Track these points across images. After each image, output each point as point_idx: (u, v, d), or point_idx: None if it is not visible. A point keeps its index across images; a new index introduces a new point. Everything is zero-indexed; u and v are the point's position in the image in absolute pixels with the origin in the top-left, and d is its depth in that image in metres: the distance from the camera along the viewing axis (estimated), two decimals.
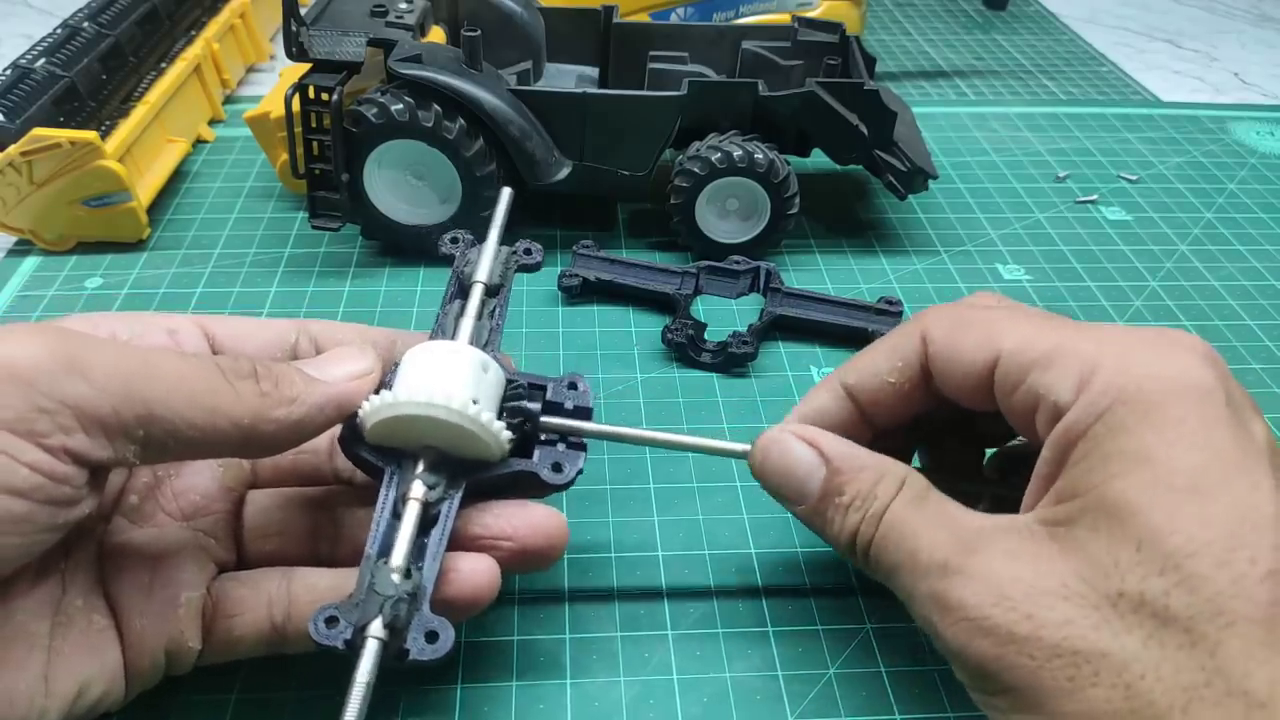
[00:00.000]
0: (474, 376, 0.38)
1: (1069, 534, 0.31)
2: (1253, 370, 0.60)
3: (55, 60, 0.69)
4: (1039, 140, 0.86)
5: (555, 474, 0.39)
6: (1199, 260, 0.71)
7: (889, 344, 0.40)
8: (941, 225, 0.73)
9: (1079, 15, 1.18)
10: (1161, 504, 0.30)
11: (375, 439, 0.38)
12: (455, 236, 0.46)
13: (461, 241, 0.45)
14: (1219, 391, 0.32)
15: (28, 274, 0.64)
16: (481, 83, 0.61)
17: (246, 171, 0.76)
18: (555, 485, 0.39)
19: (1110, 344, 0.33)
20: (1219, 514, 0.29)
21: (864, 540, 0.35)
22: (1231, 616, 0.28)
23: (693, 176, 0.63)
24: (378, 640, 0.32)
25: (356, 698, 0.31)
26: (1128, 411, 0.31)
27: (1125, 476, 0.30)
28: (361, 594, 0.33)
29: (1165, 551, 0.29)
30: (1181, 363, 0.33)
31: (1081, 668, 0.29)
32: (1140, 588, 0.29)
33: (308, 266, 0.65)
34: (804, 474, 0.37)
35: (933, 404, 0.39)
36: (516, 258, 0.46)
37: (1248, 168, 0.83)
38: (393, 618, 0.33)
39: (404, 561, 0.34)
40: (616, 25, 0.72)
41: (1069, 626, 0.29)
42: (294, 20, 0.60)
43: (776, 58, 0.70)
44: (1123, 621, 0.29)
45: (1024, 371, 0.35)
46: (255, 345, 0.40)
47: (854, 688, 0.41)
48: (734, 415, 0.55)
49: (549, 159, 0.64)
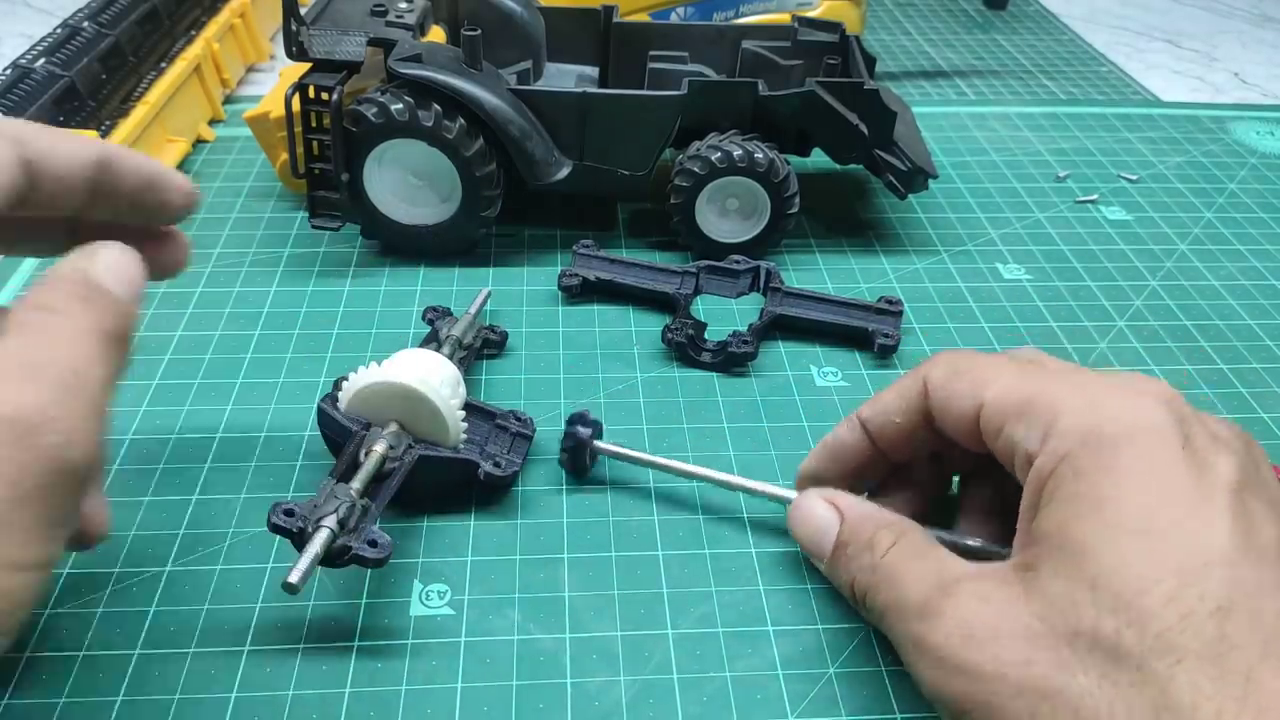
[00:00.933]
0: (451, 377, 0.48)
1: (1034, 577, 0.32)
2: (1253, 370, 0.60)
3: (55, 60, 0.69)
4: (1039, 140, 0.86)
5: (495, 469, 0.47)
6: (1199, 260, 0.71)
7: (900, 385, 0.42)
8: (941, 225, 0.73)
9: (1079, 15, 1.18)
10: (1114, 544, 0.31)
11: (351, 409, 0.46)
12: (436, 308, 0.58)
13: (441, 311, 0.58)
14: (1175, 433, 0.33)
15: (28, 274, 0.64)
16: (481, 82, 0.61)
17: (246, 171, 0.76)
18: (495, 477, 0.46)
19: (1078, 391, 0.35)
20: (1169, 552, 0.30)
21: (860, 588, 0.38)
22: (1181, 653, 0.29)
23: (693, 176, 0.63)
24: (329, 529, 0.40)
25: (306, 559, 0.38)
26: (1087, 455, 0.33)
27: (1082, 519, 0.32)
28: (320, 500, 0.41)
29: (1117, 590, 0.30)
30: (1139, 406, 0.34)
31: (1040, 705, 0.30)
32: (1095, 627, 0.30)
33: (307, 266, 0.65)
34: (822, 530, 0.40)
35: (949, 442, 0.41)
36: (485, 332, 0.57)
37: (1248, 167, 0.83)
38: (345, 516, 0.40)
39: (363, 485, 0.42)
40: (616, 25, 0.72)
41: (1030, 666, 0.30)
42: (294, 20, 0.60)
43: (776, 57, 0.70)
44: (1079, 661, 0.30)
45: (1002, 419, 0.36)
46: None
47: (855, 687, 0.41)
48: (734, 415, 0.55)
49: (549, 159, 0.64)
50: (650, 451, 0.49)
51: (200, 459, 0.50)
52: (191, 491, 0.48)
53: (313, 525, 0.40)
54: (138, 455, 0.50)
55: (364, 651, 0.41)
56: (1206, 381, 0.59)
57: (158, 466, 0.50)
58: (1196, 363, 0.61)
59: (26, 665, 0.40)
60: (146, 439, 0.51)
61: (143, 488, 0.49)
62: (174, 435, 0.52)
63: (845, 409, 0.55)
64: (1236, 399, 0.58)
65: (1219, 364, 0.61)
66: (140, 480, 0.49)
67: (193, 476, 0.49)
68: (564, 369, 0.57)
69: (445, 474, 0.47)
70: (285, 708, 0.39)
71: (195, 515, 0.47)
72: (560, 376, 0.57)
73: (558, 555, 0.46)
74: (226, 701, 0.39)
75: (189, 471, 0.50)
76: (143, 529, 0.46)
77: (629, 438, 0.53)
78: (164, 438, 0.52)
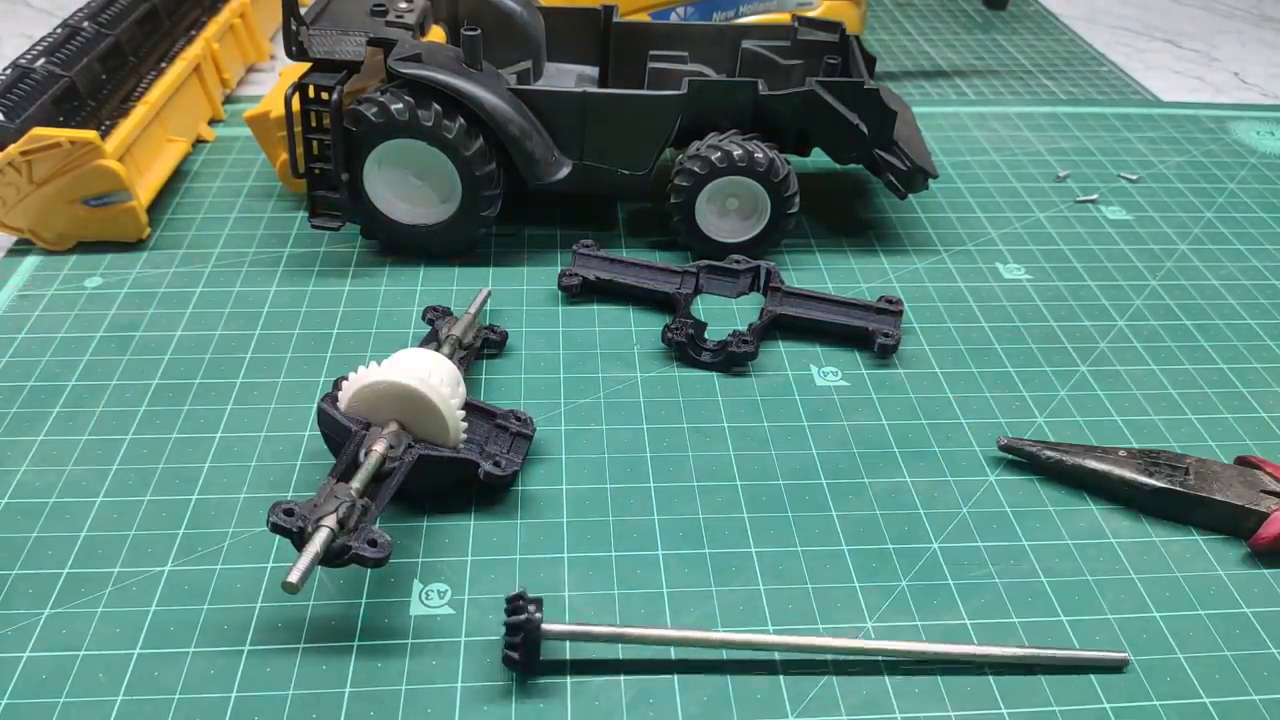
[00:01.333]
0: (451, 376, 0.48)
1: None
2: (1253, 370, 0.60)
3: (55, 60, 0.69)
4: (1039, 140, 0.86)
5: (495, 468, 0.46)
6: (1199, 259, 0.71)
7: None
8: (942, 224, 0.73)
9: (1079, 15, 1.18)
10: None
11: (351, 409, 0.46)
12: (436, 307, 0.58)
13: (441, 311, 0.57)
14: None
15: (27, 273, 0.64)
16: (481, 82, 0.61)
17: (246, 171, 0.76)
18: (496, 477, 0.46)
19: None
20: None
21: None
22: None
23: (693, 175, 0.63)
24: (329, 529, 0.40)
25: (305, 558, 0.38)
26: None
27: None
28: (320, 499, 0.41)
29: None
30: None
31: None
32: None
33: (307, 266, 0.65)
34: None
35: None
36: (485, 332, 0.57)
37: (1248, 167, 0.83)
38: (345, 515, 0.40)
39: (362, 485, 0.42)
40: (616, 25, 0.72)
41: None
42: (294, 19, 0.59)
43: (776, 57, 0.70)
44: None
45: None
46: None
47: (854, 686, 0.41)
48: (734, 415, 0.55)
49: (549, 158, 0.63)
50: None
51: (200, 459, 0.50)
52: (191, 492, 0.48)
53: (312, 525, 0.40)
54: (137, 455, 0.50)
55: (364, 651, 0.41)
56: (1207, 381, 0.59)
57: (158, 466, 0.50)
58: (1197, 362, 0.61)
59: (27, 665, 0.40)
60: (146, 439, 0.51)
61: (143, 487, 0.49)
62: (174, 435, 0.52)
63: (845, 409, 0.55)
64: (1237, 399, 0.58)
65: (1219, 364, 0.61)
66: (140, 480, 0.49)
67: (192, 476, 0.49)
68: (564, 368, 0.57)
69: (445, 473, 0.47)
70: (285, 708, 0.39)
71: (195, 515, 0.47)
72: (560, 376, 0.57)
73: (558, 555, 0.46)
74: (226, 701, 0.39)
75: (189, 471, 0.50)
76: (142, 529, 0.46)
77: (629, 438, 0.53)
78: (164, 437, 0.52)
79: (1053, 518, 0.50)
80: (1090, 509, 0.50)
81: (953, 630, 0.44)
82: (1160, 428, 0.55)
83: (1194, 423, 0.56)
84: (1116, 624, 0.44)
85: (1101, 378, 0.59)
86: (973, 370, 0.59)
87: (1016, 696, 0.41)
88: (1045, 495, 0.51)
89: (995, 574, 0.46)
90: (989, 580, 0.46)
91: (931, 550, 0.47)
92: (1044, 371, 0.59)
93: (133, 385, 0.55)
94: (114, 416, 0.53)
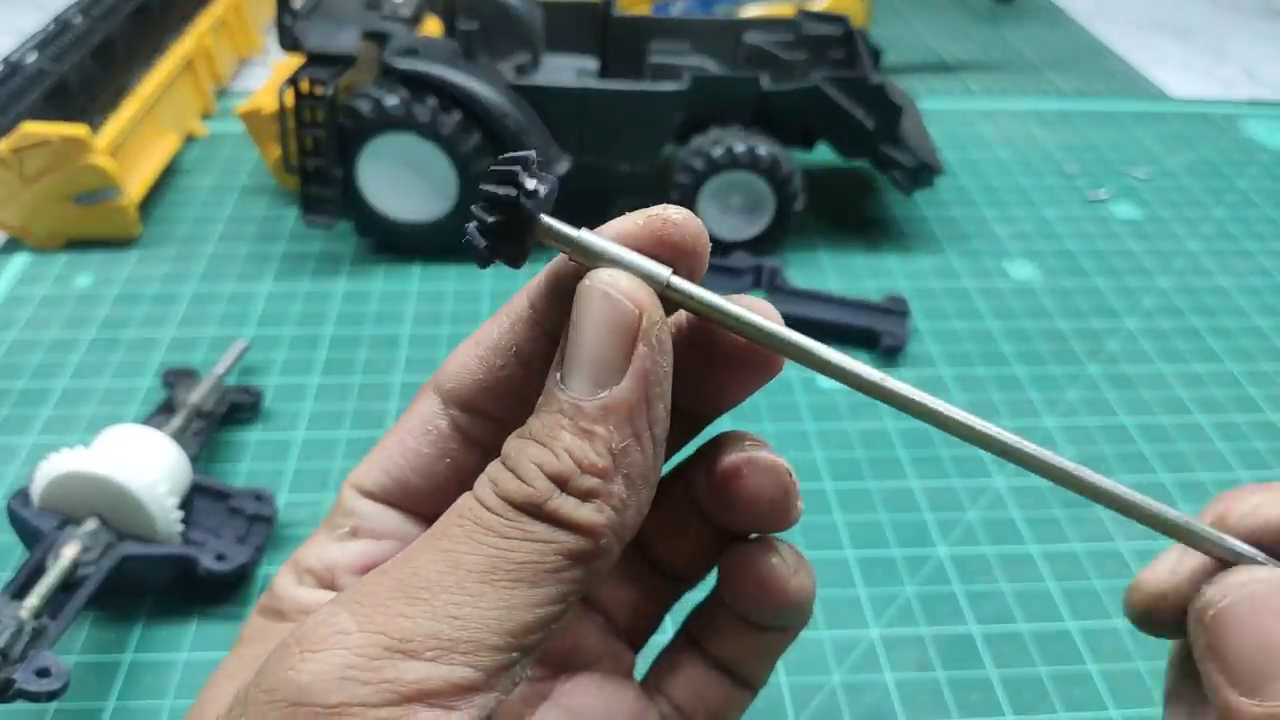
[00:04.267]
0: (165, 458, 0.41)
1: None
2: (1261, 370, 0.59)
3: (46, 55, 0.68)
4: (1047, 136, 0.85)
5: (216, 563, 0.40)
6: (1209, 259, 0.69)
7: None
8: (948, 222, 0.72)
9: (1087, 9, 1.16)
10: None
11: (47, 503, 0.39)
12: (177, 369, 0.51)
13: (183, 374, 0.51)
14: None
15: (17, 272, 0.63)
16: (478, 76, 0.60)
17: (239, 167, 0.75)
18: (215, 572, 0.40)
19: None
20: None
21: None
22: None
23: (694, 172, 0.62)
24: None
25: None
26: None
27: None
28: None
29: None
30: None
31: None
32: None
33: (302, 264, 0.64)
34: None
35: None
36: (232, 395, 0.50)
37: (1258, 164, 0.82)
38: (7, 645, 0.34)
39: (39, 603, 0.36)
40: (615, 18, 0.71)
41: None
42: (287, 13, 0.58)
43: (780, 51, 0.69)
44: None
45: None
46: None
47: (858, 695, 0.40)
48: (734, 414, 0.54)
49: (547, 153, 0.62)
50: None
51: None
52: None
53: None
54: None
55: None
56: (1216, 383, 0.58)
57: None
58: (1206, 363, 0.59)
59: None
60: None
61: None
62: None
63: (848, 410, 0.54)
64: (1247, 401, 0.57)
65: (1228, 365, 0.59)
66: None
67: None
68: None
69: (159, 572, 0.41)
70: None
71: None
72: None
73: None
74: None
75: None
76: None
77: None
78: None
79: (1060, 523, 0.48)
80: (1099, 514, 0.49)
81: (960, 638, 0.43)
82: (1168, 430, 0.54)
83: (1203, 425, 0.55)
84: (1126, 632, 0.43)
85: (1110, 379, 0.58)
86: (979, 371, 0.58)
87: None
88: (1053, 500, 0.50)
89: (1002, 580, 0.45)
90: (995, 586, 0.45)
91: (937, 556, 0.46)
92: (1052, 372, 0.58)
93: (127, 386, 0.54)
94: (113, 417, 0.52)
